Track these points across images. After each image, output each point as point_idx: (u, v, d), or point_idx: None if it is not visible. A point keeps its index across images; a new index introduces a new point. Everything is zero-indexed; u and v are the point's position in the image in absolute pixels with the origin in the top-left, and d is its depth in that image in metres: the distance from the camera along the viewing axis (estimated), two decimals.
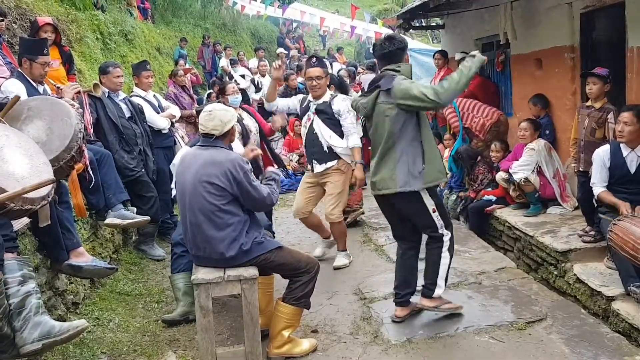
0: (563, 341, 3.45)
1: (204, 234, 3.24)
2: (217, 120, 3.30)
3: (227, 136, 3.39)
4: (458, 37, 8.54)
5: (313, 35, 22.91)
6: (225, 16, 18.32)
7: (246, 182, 3.25)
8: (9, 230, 2.92)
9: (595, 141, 4.74)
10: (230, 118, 3.36)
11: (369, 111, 3.71)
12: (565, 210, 5.71)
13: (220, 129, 3.31)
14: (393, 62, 3.67)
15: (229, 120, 3.34)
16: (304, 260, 3.44)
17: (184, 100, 7.90)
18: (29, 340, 2.77)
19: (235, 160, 3.26)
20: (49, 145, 3.24)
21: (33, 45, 4.47)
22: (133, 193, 5.02)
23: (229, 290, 3.31)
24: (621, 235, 3.74)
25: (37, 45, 4.47)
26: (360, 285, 4.54)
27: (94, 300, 4.28)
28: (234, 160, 3.25)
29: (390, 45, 3.66)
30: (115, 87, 5.30)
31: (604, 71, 4.73)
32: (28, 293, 2.84)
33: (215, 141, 3.33)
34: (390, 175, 3.59)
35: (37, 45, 4.47)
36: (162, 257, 5.43)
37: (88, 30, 8.58)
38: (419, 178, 3.57)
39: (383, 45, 3.70)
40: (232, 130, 3.40)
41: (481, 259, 4.96)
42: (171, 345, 3.71)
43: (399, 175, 3.57)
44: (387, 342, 3.58)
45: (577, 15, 5.60)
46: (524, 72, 6.63)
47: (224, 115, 3.33)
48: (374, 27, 14.81)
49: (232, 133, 3.43)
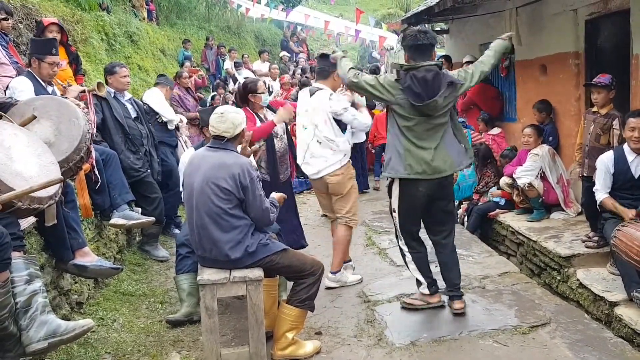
0: (567, 346, 3.45)
1: (209, 236, 3.24)
2: (229, 122, 3.30)
3: (237, 139, 3.39)
4: (462, 42, 8.57)
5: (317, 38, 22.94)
6: (229, 19, 18.35)
7: (251, 189, 3.24)
8: (16, 229, 2.93)
9: (600, 147, 4.76)
10: (242, 121, 3.36)
11: (439, 109, 3.73)
12: (568, 215, 5.72)
13: (232, 131, 3.31)
14: (428, 56, 3.73)
15: (240, 122, 3.35)
16: (309, 262, 3.44)
17: (188, 102, 7.93)
18: (34, 339, 2.78)
19: (244, 165, 3.26)
20: (57, 147, 3.26)
21: (42, 45, 4.51)
22: (138, 193, 5.05)
23: (234, 292, 3.32)
24: (625, 241, 3.75)
25: (46, 45, 4.50)
26: (364, 288, 4.54)
27: (98, 300, 4.29)
28: (243, 165, 3.25)
29: (425, 38, 3.73)
30: (122, 87, 5.33)
31: (606, 79, 4.74)
32: (34, 292, 2.85)
33: (225, 144, 3.33)
34: (448, 158, 3.79)
35: (46, 45, 4.50)
36: (166, 258, 5.45)
37: (93, 31, 8.62)
38: (466, 155, 3.91)
39: (419, 37, 3.72)
40: (242, 133, 3.40)
41: (485, 264, 4.96)
42: (175, 346, 3.71)
43: (454, 157, 3.82)
44: (391, 345, 3.58)
45: (582, 22, 5.61)
46: (529, 77, 6.65)
47: (236, 117, 3.33)
48: (378, 32, 14.85)
49: (242, 136, 3.43)
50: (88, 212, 4.15)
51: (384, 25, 15.17)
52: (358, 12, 14.89)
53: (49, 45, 4.48)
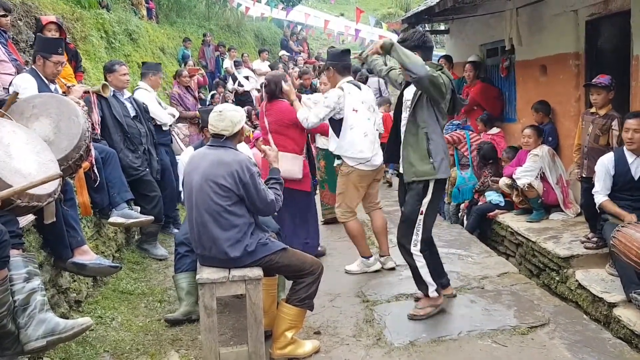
0: (565, 346, 3.45)
1: (209, 234, 3.24)
2: (228, 120, 3.30)
3: (237, 137, 3.40)
4: (463, 42, 8.56)
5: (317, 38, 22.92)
6: (229, 17, 18.33)
7: (252, 186, 3.25)
8: (15, 227, 2.92)
9: (598, 148, 4.76)
10: (240, 119, 3.36)
11: None
12: (567, 216, 5.73)
13: (231, 129, 3.32)
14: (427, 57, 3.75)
15: (239, 120, 3.35)
16: (308, 261, 3.44)
17: (187, 101, 7.91)
18: (33, 337, 2.77)
19: (243, 161, 3.26)
20: (57, 144, 3.25)
21: (48, 43, 4.53)
22: (137, 192, 5.03)
23: (234, 291, 3.31)
24: (624, 242, 3.75)
25: (52, 44, 4.52)
26: (363, 287, 4.54)
27: (96, 299, 4.28)
28: (241, 162, 3.25)
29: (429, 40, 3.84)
30: (122, 85, 5.33)
31: (606, 79, 4.74)
32: (33, 290, 2.84)
33: (224, 142, 3.34)
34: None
35: (52, 44, 4.52)
36: (165, 257, 5.44)
37: (93, 29, 8.60)
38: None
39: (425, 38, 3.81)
40: (241, 131, 3.41)
41: (484, 264, 4.96)
42: (174, 345, 3.71)
43: None
44: (389, 345, 3.57)
45: (583, 23, 5.61)
46: (529, 78, 6.65)
47: (234, 115, 3.33)
48: (378, 31, 14.83)
49: (241, 133, 3.43)
50: (87, 211, 4.15)
51: (384, 24, 15.15)
52: (358, 12, 14.87)
53: (56, 45, 4.50)
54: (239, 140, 3.47)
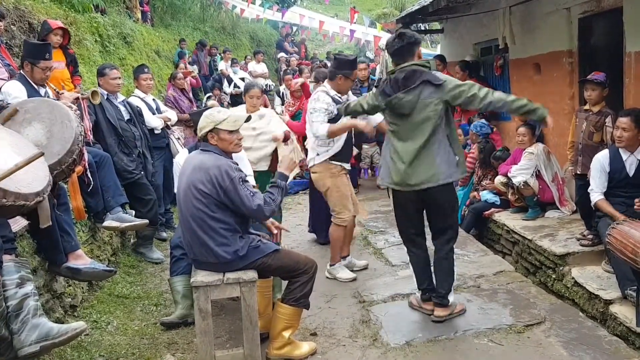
0: (561, 344, 3.45)
1: (197, 239, 3.22)
2: (200, 124, 3.31)
3: (213, 141, 3.28)
4: (457, 41, 8.57)
5: (312, 39, 22.94)
6: (224, 19, 18.33)
7: (233, 191, 3.15)
8: (7, 232, 2.91)
9: (593, 144, 4.77)
10: (205, 124, 3.28)
11: (412, 107, 3.61)
12: (563, 214, 5.73)
13: (199, 133, 3.33)
14: (407, 58, 3.68)
15: (204, 126, 3.28)
16: (302, 261, 3.42)
17: (183, 104, 7.90)
18: (26, 342, 2.76)
19: (222, 166, 3.17)
20: (50, 149, 3.22)
21: (36, 49, 4.46)
22: (132, 196, 5.02)
23: (228, 293, 3.30)
24: (620, 239, 3.74)
25: (39, 49, 4.45)
26: (359, 288, 4.53)
27: (92, 303, 4.27)
28: (220, 167, 3.17)
29: (400, 41, 3.69)
30: (113, 88, 5.31)
31: (601, 76, 4.75)
32: (26, 295, 2.82)
33: (207, 145, 3.31)
34: (431, 168, 3.60)
35: (39, 49, 4.45)
36: (161, 260, 5.42)
37: (87, 32, 8.57)
38: (457, 168, 3.66)
39: (394, 43, 3.73)
40: (216, 137, 3.27)
41: (480, 263, 4.96)
42: (169, 348, 3.69)
43: (441, 168, 3.59)
44: (386, 345, 3.57)
45: (575, 20, 5.62)
46: (523, 76, 6.65)
47: (202, 120, 3.31)
48: (373, 31, 14.85)
49: (220, 139, 3.27)
50: (81, 215, 4.13)
51: (378, 25, 15.17)
52: (353, 12, 14.91)
53: (43, 50, 4.44)
54: (222, 146, 3.30)
